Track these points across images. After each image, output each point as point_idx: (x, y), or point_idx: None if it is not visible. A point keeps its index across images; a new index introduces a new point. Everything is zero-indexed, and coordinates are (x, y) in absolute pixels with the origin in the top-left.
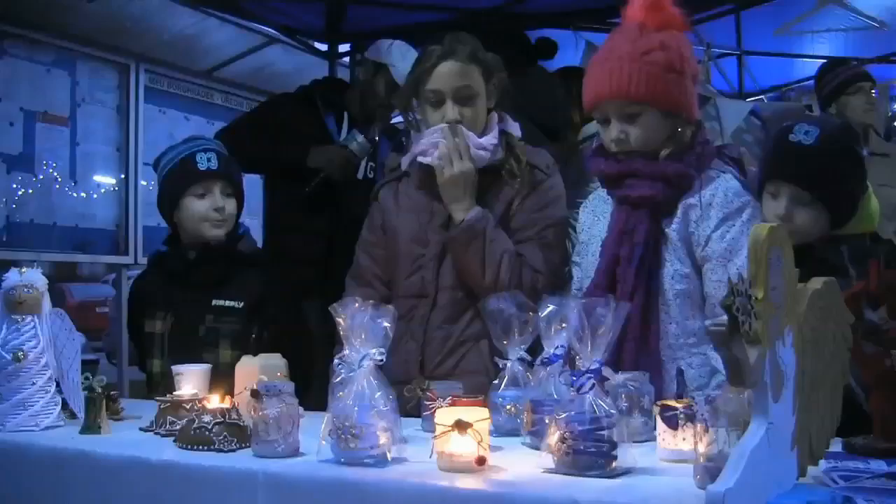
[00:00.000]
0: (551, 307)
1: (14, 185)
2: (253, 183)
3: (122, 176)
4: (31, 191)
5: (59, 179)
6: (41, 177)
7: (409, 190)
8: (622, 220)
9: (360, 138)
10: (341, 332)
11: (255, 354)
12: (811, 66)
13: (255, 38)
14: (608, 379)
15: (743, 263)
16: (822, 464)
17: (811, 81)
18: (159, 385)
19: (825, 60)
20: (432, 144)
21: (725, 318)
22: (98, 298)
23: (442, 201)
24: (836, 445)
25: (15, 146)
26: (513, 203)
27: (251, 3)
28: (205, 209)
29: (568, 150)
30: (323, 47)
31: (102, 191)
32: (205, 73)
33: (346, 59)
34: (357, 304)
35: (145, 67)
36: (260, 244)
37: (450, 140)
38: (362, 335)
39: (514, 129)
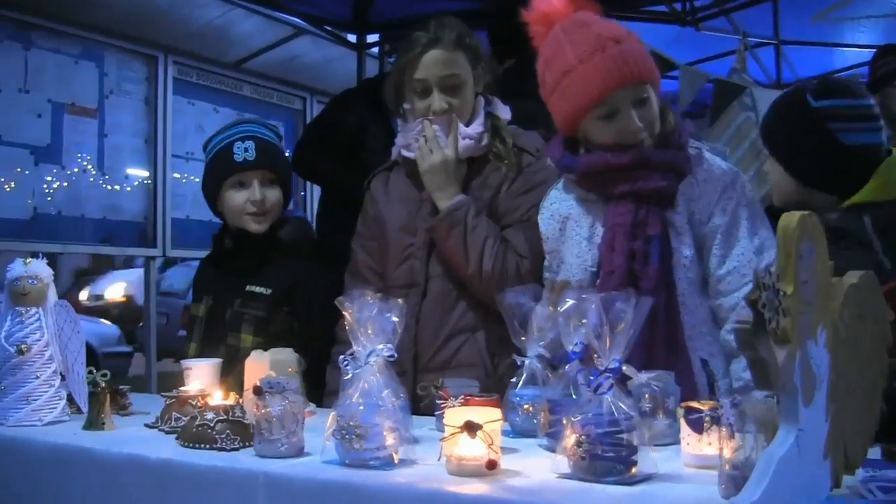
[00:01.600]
0: (570, 302)
1: (43, 177)
2: None
3: (151, 168)
4: (58, 183)
5: (87, 171)
6: (71, 169)
7: (398, 180)
8: (629, 213)
9: None
10: (347, 327)
11: (284, 344)
12: (851, 55)
13: (284, 30)
14: (630, 378)
15: (743, 234)
16: (860, 473)
17: (850, 72)
18: None
19: (879, 47)
20: (414, 138)
21: (750, 315)
22: None
23: None
24: (874, 453)
25: (43, 138)
26: (501, 188)
27: None
28: (242, 201)
29: None
30: (352, 38)
31: (135, 183)
32: (234, 64)
33: (375, 49)
34: (365, 298)
35: (173, 59)
36: None
37: (428, 131)
38: (369, 330)
39: (503, 111)
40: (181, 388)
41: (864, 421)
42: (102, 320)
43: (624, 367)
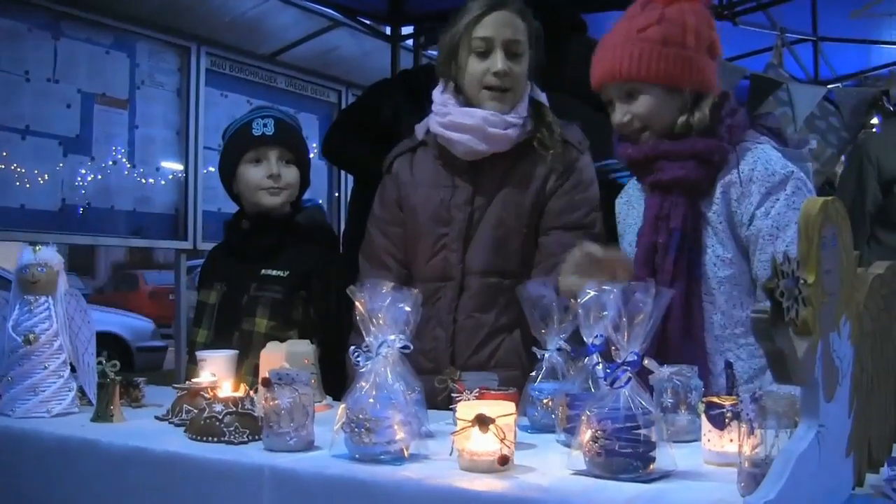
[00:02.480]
0: (591, 293)
1: (71, 169)
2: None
3: (182, 160)
4: (88, 174)
5: (117, 163)
6: (101, 161)
7: (426, 161)
8: (656, 205)
9: None
10: (358, 318)
11: (299, 330)
12: (889, 52)
13: (319, 22)
14: (652, 372)
15: (792, 239)
16: (884, 471)
17: (887, 69)
18: None
19: None
20: (469, 125)
21: (768, 304)
22: (172, 285)
23: (464, 174)
24: None
25: (72, 128)
26: (548, 180)
27: None
28: (259, 176)
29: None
30: (387, 30)
31: (170, 176)
32: (268, 56)
33: (410, 41)
34: (377, 287)
35: (206, 50)
36: None
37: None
38: (380, 320)
39: (543, 97)
40: (193, 380)
41: (889, 417)
42: (136, 314)
43: (645, 361)
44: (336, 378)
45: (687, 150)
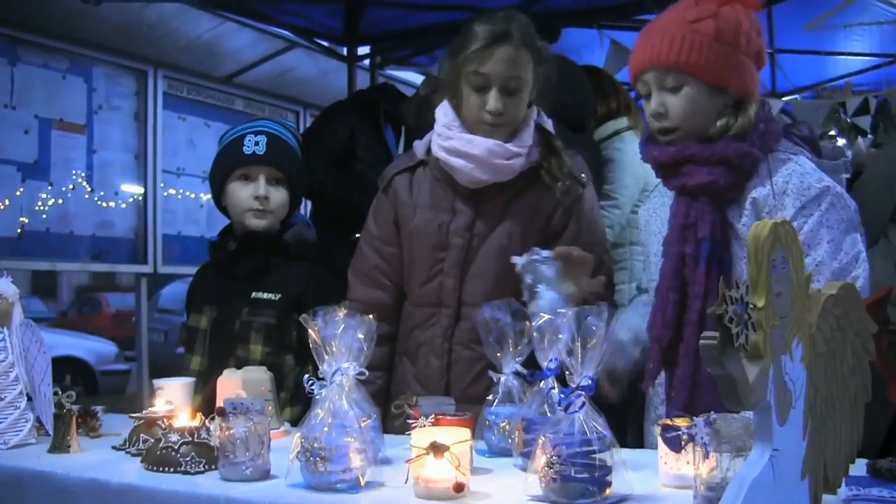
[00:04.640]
0: (545, 317)
1: (30, 194)
2: None
3: (141, 184)
4: (48, 199)
5: (76, 188)
6: (59, 186)
7: (426, 182)
8: (682, 213)
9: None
10: (311, 345)
11: (295, 354)
12: (845, 64)
13: (275, 43)
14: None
15: (822, 258)
16: (842, 492)
17: (842, 80)
18: (198, 384)
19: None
20: (472, 153)
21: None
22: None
23: (466, 199)
24: (859, 469)
25: (30, 154)
26: (553, 215)
27: (266, 6)
28: (246, 196)
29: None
30: (343, 51)
31: (129, 200)
32: (225, 78)
33: (367, 61)
34: (330, 314)
35: (163, 73)
36: None
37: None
38: (333, 348)
39: (548, 124)
40: (149, 409)
41: (845, 438)
42: (100, 338)
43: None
44: None
45: (716, 155)
